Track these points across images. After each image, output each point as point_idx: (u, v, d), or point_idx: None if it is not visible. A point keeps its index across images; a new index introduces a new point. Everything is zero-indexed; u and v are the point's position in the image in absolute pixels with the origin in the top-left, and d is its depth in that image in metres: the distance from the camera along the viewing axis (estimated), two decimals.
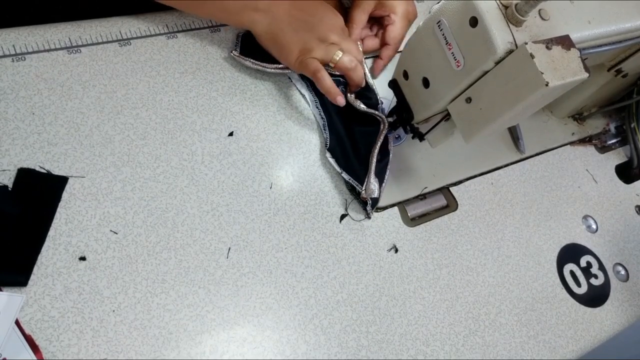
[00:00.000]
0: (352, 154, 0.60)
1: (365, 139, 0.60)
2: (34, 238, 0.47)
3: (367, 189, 0.57)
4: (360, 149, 0.60)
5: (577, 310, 0.66)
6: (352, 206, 0.60)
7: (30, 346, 0.43)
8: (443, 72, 0.50)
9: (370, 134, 0.60)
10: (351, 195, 0.61)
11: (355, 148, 0.60)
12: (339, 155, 0.61)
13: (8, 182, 0.48)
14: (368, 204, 0.59)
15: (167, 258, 0.50)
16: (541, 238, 0.69)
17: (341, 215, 0.59)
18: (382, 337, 0.55)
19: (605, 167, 0.81)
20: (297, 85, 0.64)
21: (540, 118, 0.81)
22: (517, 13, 0.44)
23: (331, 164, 0.61)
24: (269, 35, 0.59)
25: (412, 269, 0.60)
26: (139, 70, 0.58)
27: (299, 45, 0.58)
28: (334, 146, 0.61)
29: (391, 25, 0.67)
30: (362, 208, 0.60)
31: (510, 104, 0.46)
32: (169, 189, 0.53)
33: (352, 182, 0.59)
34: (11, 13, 0.60)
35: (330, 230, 0.58)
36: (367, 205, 0.59)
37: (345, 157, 0.60)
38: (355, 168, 0.59)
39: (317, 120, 0.63)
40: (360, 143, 0.60)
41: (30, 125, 0.51)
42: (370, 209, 0.59)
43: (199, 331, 0.49)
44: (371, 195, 0.58)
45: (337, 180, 0.61)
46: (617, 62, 0.68)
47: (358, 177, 0.59)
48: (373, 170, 0.58)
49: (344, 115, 0.62)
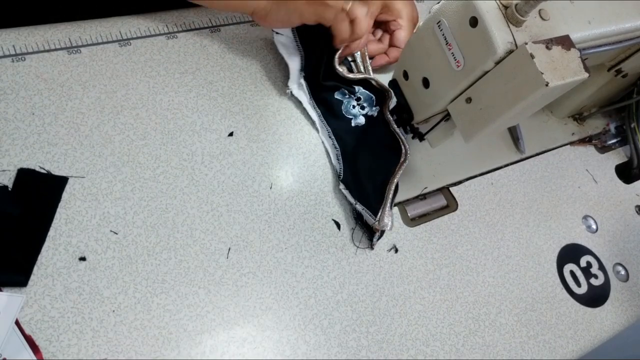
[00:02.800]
0: (366, 182, 0.58)
1: (382, 166, 0.58)
2: (34, 238, 0.47)
3: (380, 220, 0.55)
4: (377, 178, 0.57)
5: (577, 310, 0.66)
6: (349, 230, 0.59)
7: (30, 346, 0.43)
8: (443, 72, 0.50)
9: (389, 163, 0.58)
10: (356, 222, 0.59)
11: (370, 177, 0.58)
12: (352, 186, 0.59)
13: (8, 182, 0.48)
14: (376, 236, 0.57)
15: (167, 258, 0.50)
16: (541, 238, 0.69)
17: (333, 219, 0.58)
18: (382, 337, 0.55)
19: (605, 167, 0.81)
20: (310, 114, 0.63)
21: (540, 118, 0.81)
22: (517, 13, 0.44)
23: (345, 195, 0.59)
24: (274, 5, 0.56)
25: (412, 269, 0.60)
26: (139, 71, 0.58)
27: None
28: (348, 176, 0.59)
29: (399, 30, 0.67)
30: (367, 238, 0.58)
31: (510, 104, 0.46)
32: (169, 189, 0.53)
33: (365, 213, 0.56)
34: (11, 13, 0.60)
35: (331, 231, 0.58)
36: (375, 236, 0.57)
37: (358, 187, 0.58)
38: (369, 198, 0.57)
39: (325, 148, 0.62)
40: (377, 171, 0.58)
41: (30, 126, 0.51)
42: (376, 240, 0.58)
43: (199, 331, 0.49)
44: (384, 228, 0.55)
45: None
46: (617, 62, 0.67)
47: (372, 207, 0.56)
48: (390, 202, 0.55)
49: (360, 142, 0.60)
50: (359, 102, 0.63)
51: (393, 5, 0.67)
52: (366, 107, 0.63)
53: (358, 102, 0.63)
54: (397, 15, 0.67)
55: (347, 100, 0.63)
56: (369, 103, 0.63)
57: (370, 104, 0.63)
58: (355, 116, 0.62)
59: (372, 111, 0.63)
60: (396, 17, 0.67)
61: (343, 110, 0.62)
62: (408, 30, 0.68)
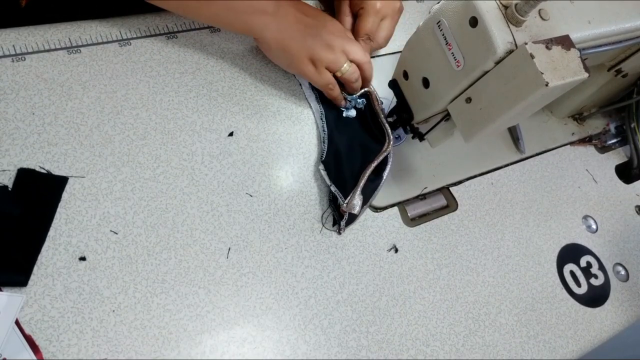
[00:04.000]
0: (346, 168, 0.59)
1: (365, 156, 0.59)
2: (34, 238, 0.47)
3: (349, 202, 0.55)
4: (356, 165, 0.59)
5: (577, 310, 0.66)
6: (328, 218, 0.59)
7: (30, 346, 0.43)
8: (443, 72, 0.50)
9: (372, 152, 0.59)
10: (329, 207, 0.59)
11: (351, 163, 0.59)
12: (332, 168, 0.59)
13: (8, 182, 0.48)
14: (344, 219, 0.57)
15: (167, 258, 0.50)
16: (541, 238, 0.69)
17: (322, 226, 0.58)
18: (382, 337, 0.55)
19: (605, 167, 0.81)
20: (305, 94, 0.64)
21: (540, 118, 0.81)
22: (517, 13, 0.44)
23: (322, 176, 0.59)
24: (277, 42, 0.58)
25: (412, 269, 0.60)
26: (139, 71, 0.58)
27: (308, 53, 0.58)
28: (330, 159, 0.60)
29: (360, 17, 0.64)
30: (337, 222, 0.58)
31: (510, 104, 0.46)
32: (169, 189, 0.53)
33: (337, 193, 0.57)
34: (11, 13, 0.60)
35: (331, 231, 0.58)
36: (343, 219, 0.57)
37: (338, 170, 0.59)
38: (346, 182, 0.58)
39: (318, 129, 0.63)
40: (358, 159, 0.59)
41: (30, 125, 0.51)
42: (344, 225, 0.57)
43: (199, 331, 0.49)
44: (351, 210, 0.55)
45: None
46: (617, 62, 0.68)
47: (345, 191, 0.57)
48: (361, 186, 0.56)
49: (348, 130, 0.62)
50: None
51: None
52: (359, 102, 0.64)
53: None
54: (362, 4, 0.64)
55: None
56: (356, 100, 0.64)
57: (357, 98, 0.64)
58: (347, 109, 0.64)
59: (360, 104, 0.64)
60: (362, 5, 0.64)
61: None
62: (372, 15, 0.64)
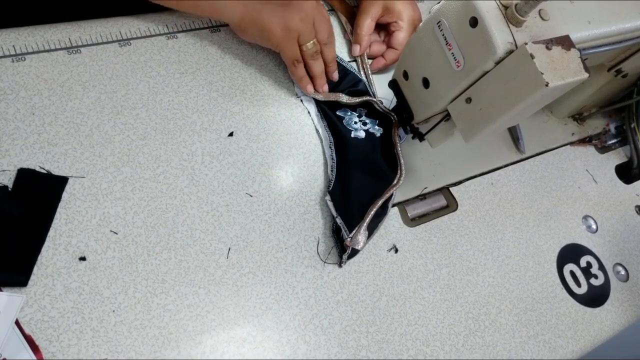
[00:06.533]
0: (353, 200, 0.57)
1: (374, 187, 0.58)
2: (34, 238, 0.47)
3: (353, 237, 0.54)
4: (364, 197, 0.57)
5: (577, 310, 0.66)
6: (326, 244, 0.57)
7: (30, 346, 0.43)
8: (443, 72, 0.50)
9: (380, 184, 0.58)
10: (332, 237, 0.57)
11: (358, 195, 0.58)
12: (338, 199, 0.58)
13: (8, 182, 0.48)
14: (346, 253, 0.55)
15: (167, 258, 0.50)
16: (541, 238, 0.69)
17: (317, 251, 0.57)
18: (382, 337, 0.55)
19: (605, 167, 0.81)
20: (314, 121, 0.63)
21: (540, 118, 0.81)
22: (517, 13, 0.44)
23: (329, 207, 0.58)
24: (247, 19, 0.58)
25: (412, 269, 0.60)
26: (139, 71, 0.58)
27: (280, 22, 0.58)
28: (336, 190, 0.59)
29: (398, 31, 0.68)
30: (338, 254, 0.57)
31: (510, 104, 0.46)
32: (169, 189, 0.53)
33: (342, 226, 0.56)
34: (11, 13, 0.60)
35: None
36: (345, 253, 0.55)
37: (344, 202, 0.57)
38: (352, 215, 0.56)
39: (324, 158, 0.62)
40: (366, 191, 0.58)
41: (30, 126, 0.51)
42: (346, 259, 0.56)
43: (199, 331, 0.49)
44: (355, 245, 0.54)
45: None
46: (617, 62, 0.67)
47: (351, 224, 0.56)
48: (367, 222, 0.55)
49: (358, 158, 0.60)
50: (360, 118, 0.64)
51: (394, 7, 0.67)
52: (368, 123, 0.63)
53: (360, 118, 0.64)
54: (397, 17, 0.68)
55: (349, 116, 0.64)
56: (372, 122, 0.64)
57: (373, 122, 0.64)
58: (356, 129, 0.63)
59: (375, 130, 0.63)
60: (397, 18, 0.68)
61: (345, 122, 0.63)
62: (408, 31, 0.68)
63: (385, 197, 0.57)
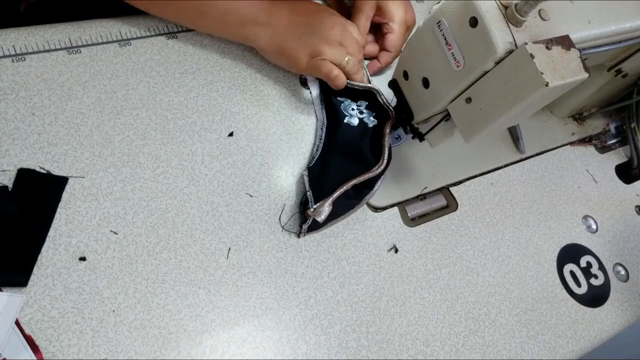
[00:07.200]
0: (328, 179, 0.57)
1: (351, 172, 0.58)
2: (34, 238, 0.47)
3: (317, 208, 0.54)
4: (339, 177, 0.57)
5: (577, 310, 0.66)
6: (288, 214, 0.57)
7: (30, 346, 0.43)
8: (443, 72, 0.50)
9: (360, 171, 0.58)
10: (298, 208, 0.57)
11: (335, 175, 0.58)
12: (315, 176, 0.58)
13: (8, 182, 0.48)
14: (306, 223, 0.55)
15: (167, 258, 0.50)
16: (541, 238, 0.69)
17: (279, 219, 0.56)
18: (382, 337, 0.55)
19: (605, 167, 0.81)
20: (314, 103, 0.64)
21: (540, 118, 0.81)
22: (517, 13, 0.44)
23: (304, 181, 0.58)
24: (273, 47, 0.60)
25: (412, 269, 0.60)
26: (139, 71, 0.58)
27: (307, 50, 0.59)
28: (316, 168, 0.59)
29: (390, 34, 0.67)
30: (299, 224, 0.56)
31: (510, 104, 0.46)
32: (169, 189, 0.53)
33: (310, 197, 0.55)
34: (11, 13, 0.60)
35: (330, 231, 0.58)
36: (306, 223, 0.55)
37: (320, 179, 0.57)
38: (323, 191, 0.56)
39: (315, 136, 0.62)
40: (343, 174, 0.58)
41: (30, 126, 0.51)
42: (305, 230, 0.55)
43: (199, 331, 0.49)
44: (317, 216, 0.53)
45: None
46: (617, 62, 0.67)
47: (319, 199, 0.55)
48: (334, 197, 0.54)
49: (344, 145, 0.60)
50: (359, 107, 0.64)
51: (386, 7, 0.66)
52: (365, 113, 0.63)
53: (358, 107, 0.64)
54: (389, 18, 0.66)
55: (348, 103, 0.64)
56: (369, 113, 0.64)
57: (370, 114, 0.64)
58: (351, 116, 0.63)
59: (369, 121, 0.63)
60: (388, 20, 0.67)
61: (342, 107, 0.63)
62: (399, 33, 0.67)
63: (359, 179, 0.57)
